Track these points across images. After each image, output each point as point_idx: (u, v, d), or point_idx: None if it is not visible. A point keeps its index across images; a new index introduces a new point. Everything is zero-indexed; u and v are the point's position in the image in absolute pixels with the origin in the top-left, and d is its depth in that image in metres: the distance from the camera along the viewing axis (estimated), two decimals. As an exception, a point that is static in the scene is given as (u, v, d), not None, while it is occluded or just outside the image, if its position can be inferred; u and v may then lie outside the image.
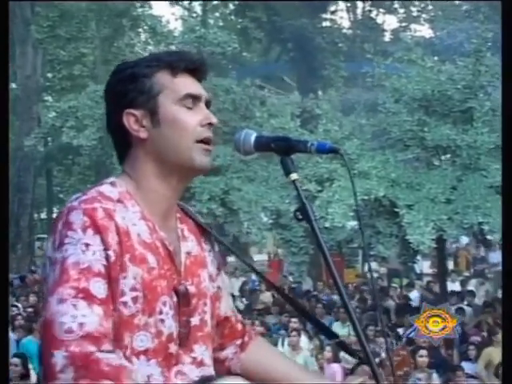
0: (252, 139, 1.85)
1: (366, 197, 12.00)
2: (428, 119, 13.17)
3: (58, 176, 28.89)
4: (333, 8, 30.72)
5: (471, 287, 16.10)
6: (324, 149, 1.79)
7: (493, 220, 11.68)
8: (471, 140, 12.55)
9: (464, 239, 22.44)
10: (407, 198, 12.26)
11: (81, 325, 1.58)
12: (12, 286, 12.78)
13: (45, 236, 28.42)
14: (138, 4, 25.63)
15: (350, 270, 19.97)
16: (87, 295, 1.62)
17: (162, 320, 1.76)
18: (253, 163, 14.35)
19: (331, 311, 12.86)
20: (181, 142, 1.81)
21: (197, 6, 30.24)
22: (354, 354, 2.02)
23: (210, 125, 1.85)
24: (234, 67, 19.74)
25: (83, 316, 1.59)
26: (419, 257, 16.99)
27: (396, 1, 32.62)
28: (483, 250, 20.60)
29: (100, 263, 1.66)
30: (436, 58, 15.03)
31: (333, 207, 11.88)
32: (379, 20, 33.20)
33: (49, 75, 27.35)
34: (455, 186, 12.52)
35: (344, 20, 34.91)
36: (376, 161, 12.97)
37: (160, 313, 1.75)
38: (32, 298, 13.54)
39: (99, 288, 1.64)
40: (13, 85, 28.16)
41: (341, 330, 11.48)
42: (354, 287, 16.58)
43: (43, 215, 30.68)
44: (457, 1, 26.92)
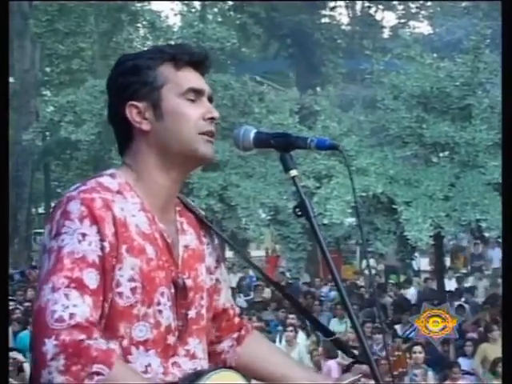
0: (251, 135, 1.86)
1: (365, 193, 12.01)
2: (426, 116, 13.16)
3: (56, 170, 28.87)
4: (332, 4, 30.67)
5: (469, 284, 16.12)
6: (324, 145, 1.79)
7: (491, 217, 11.69)
8: (469, 137, 12.55)
9: (462, 236, 22.45)
10: (405, 195, 12.27)
11: (71, 315, 1.59)
12: (12, 281, 12.79)
13: (42, 230, 28.40)
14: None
15: (348, 267, 20.00)
16: (80, 285, 1.63)
17: (160, 311, 1.77)
18: (251, 159, 14.35)
19: (329, 308, 12.87)
20: (183, 134, 1.82)
21: (195, 2, 30.20)
22: (349, 352, 2.02)
23: (212, 119, 1.86)
24: (233, 63, 19.70)
25: (74, 306, 1.61)
26: (417, 254, 17.01)
27: (395, -3, 32.59)
28: (481, 247, 20.61)
29: (95, 254, 1.67)
30: (435, 55, 15.01)
31: (331, 204, 11.88)
32: (378, 16, 33.17)
33: (47, 69, 27.31)
34: (453, 183, 12.53)
35: (343, 16, 34.89)
36: (374, 157, 12.98)
37: (158, 304, 1.76)
38: (30, 293, 13.55)
39: (91, 278, 1.66)
40: (11, 79, 28.09)
41: (338, 327, 11.51)
42: (351, 283, 16.59)
43: (41, 210, 30.68)
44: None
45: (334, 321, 11.79)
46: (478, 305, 13.33)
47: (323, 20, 29.60)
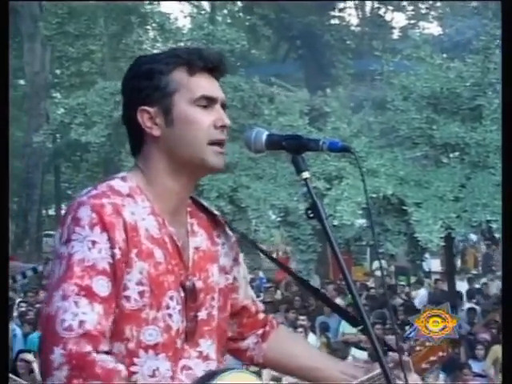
0: (263, 138, 1.86)
1: (375, 195, 11.98)
2: (437, 117, 13.12)
3: (67, 172, 28.95)
4: (341, 5, 30.65)
5: (480, 285, 16.05)
6: (336, 147, 1.79)
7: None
8: (480, 138, 12.51)
9: (472, 237, 22.40)
10: (416, 196, 12.23)
11: (81, 323, 1.61)
12: (25, 278, 12.82)
13: (53, 232, 28.51)
14: (147, 1, 25.61)
15: (358, 268, 19.96)
16: (89, 293, 1.64)
17: (170, 315, 1.77)
18: (261, 161, 14.34)
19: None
20: (193, 143, 1.81)
21: (205, 4, 30.25)
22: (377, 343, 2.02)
23: (224, 127, 1.85)
24: (243, 64, 19.71)
25: (83, 314, 1.62)
26: (428, 255, 16.95)
27: (404, -2, 32.53)
28: (492, 248, 20.55)
29: (105, 261, 1.68)
30: (445, 56, 14.96)
31: (341, 205, 11.86)
32: (388, 17, 33.13)
33: (57, 72, 27.40)
34: (464, 184, 12.48)
35: (352, 17, 34.80)
36: (384, 158, 12.95)
37: (167, 307, 1.77)
38: (42, 295, 13.60)
39: (102, 286, 1.66)
40: (21, 81, 28.25)
41: (349, 328, 11.49)
42: (361, 285, 16.57)
43: (51, 211, 30.78)
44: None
45: (345, 322, 11.76)
46: (489, 306, 13.28)
47: (333, 21, 29.59)
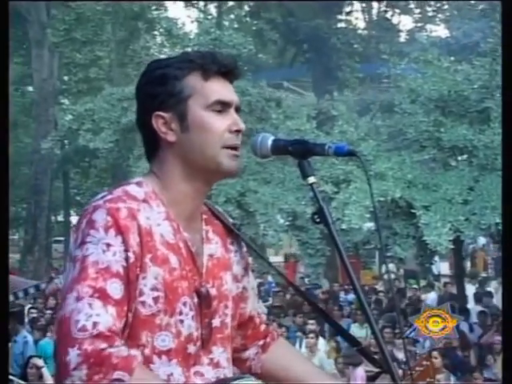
0: (269, 143, 1.85)
1: (383, 198, 11.96)
2: (444, 120, 13.10)
3: (75, 178, 29.05)
4: (348, 9, 30.65)
5: (491, 288, 16.00)
6: (342, 151, 1.79)
7: (511, 220, 11.58)
8: (488, 140, 12.47)
9: (481, 240, 22.33)
10: (424, 199, 12.21)
11: (94, 324, 1.60)
12: (27, 295, 12.77)
13: (62, 238, 28.57)
14: (154, 7, 25.70)
15: (367, 272, 19.94)
16: (103, 295, 1.64)
17: (182, 321, 1.77)
18: (269, 165, 14.34)
19: (349, 313, 12.83)
20: (208, 147, 1.81)
21: (212, 8, 30.32)
22: (375, 362, 2.01)
23: (238, 131, 1.84)
24: (250, 69, 19.73)
25: (97, 315, 1.62)
26: (437, 258, 16.90)
27: (411, 1, 32.50)
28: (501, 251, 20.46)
29: (119, 264, 1.68)
30: (452, 58, 14.94)
31: (349, 209, 11.85)
32: (394, 20, 33.12)
33: (65, 78, 27.51)
34: (472, 187, 12.45)
35: (359, 21, 34.84)
36: (392, 162, 12.93)
37: (180, 313, 1.77)
38: (51, 301, 13.64)
39: (115, 289, 1.66)
40: (29, 88, 28.36)
41: (358, 332, 11.47)
42: (370, 288, 16.54)
43: (60, 218, 30.85)
44: (472, 0, 26.76)
45: (355, 326, 11.75)
46: (499, 309, 13.22)
47: (339, 25, 29.58)
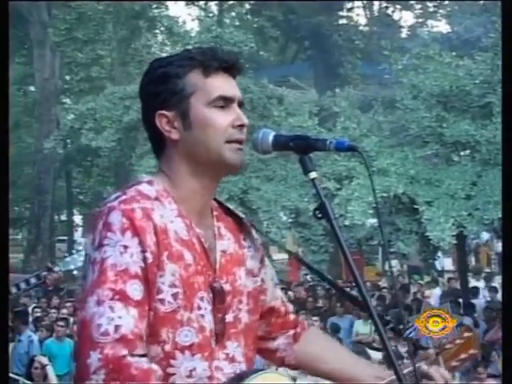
0: (270, 138, 1.85)
1: (386, 194, 11.96)
2: (446, 115, 13.08)
3: (78, 178, 29.07)
4: (349, 5, 30.62)
5: (495, 284, 15.97)
6: (343, 147, 1.79)
7: (514, 215, 11.57)
8: (490, 135, 12.46)
9: (485, 235, 22.31)
10: (427, 195, 12.20)
11: (116, 327, 1.62)
12: (29, 285, 12.84)
13: (65, 238, 28.61)
14: (155, 5, 25.68)
15: (370, 268, 19.91)
16: (123, 297, 1.66)
17: (203, 315, 1.78)
18: (271, 162, 14.34)
19: (353, 310, 12.81)
20: (211, 143, 1.82)
21: (213, 6, 30.28)
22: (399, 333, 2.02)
23: (242, 126, 1.85)
24: (251, 66, 19.72)
25: (119, 318, 1.63)
26: (440, 254, 16.89)
27: (412, -4, 32.46)
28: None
29: (137, 265, 1.69)
30: (454, 54, 14.91)
31: (352, 205, 11.84)
32: (396, 16, 33.06)
33: (67, 77, 27.52)
34: (475, 182, 12.43)
35: (360, 17, 34.85)
36: (395, 158, 12.92)
37: (199, 308, 1.78)
38: (55, 301, 13.64)
39: (135, 290, 1.68)
40: (31, 88, 28.38)
41: (362, 329, 11.47)
42: (373, 285, 16.52)
43: (63, 217, 30.87)
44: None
45: (359, 322, 11.74)
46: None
47: (341, 21, 29.56)
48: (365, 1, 31.64)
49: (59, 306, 13.03)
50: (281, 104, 15.93)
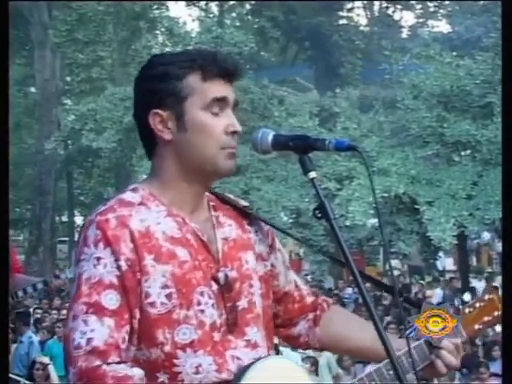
0: (270, 138, 1.84)
1: (386, 194, 11.95)
2: (447, 115, 13.09)
3: (79, 179, 29.07)
4: (349, 6, 30.64)
5: (496, 283, 15.97)
6: (342, 146, 1.78)
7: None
8: (491, 135, 12.46)
9: (486, 235, 22.31)
10: (427, 195, 12.20)
11: (88, 340, 1.64)
12: (35, 290, 12.91)
13: (66, 239, 28.61)
14: (155, 6, 25.69)
15: (371, 268, 19.90)
16: (98, 309, 1.66)
17: (202, 310, 1.77)
18: (272, 163, 14.34)
19: (353, 310, 12.81)
20: (205, 149, 1.81)
21: (213, 7, 30.29)
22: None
23: (235, 133, 1.84)
24: (252, 67, 19.72)
25: (91, 331, 1.65)
26: (442, 254, 16.88)
27: (413, -3, 32.47)
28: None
29: (112, 274, 1.69)
30: (454, 54, 14.93)
31: (353, 205, 11.84)
32: (396, 16, 33.10)
33: (67, 79, 27.52)
34: (476, 182, 12.43)
35: (361, 17, 34.85)
36: (395, 158, 12.92)
37: (198, 304, 1.77)
38: (57, 302, 13.65)
39: (111, 300, 1.68)
40: (32, 89, 28.39)
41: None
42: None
43: (64, 218, 30.89)
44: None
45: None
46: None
47: (341, 22, 29.59)
48: (365, 1, 31.65)
49: (60, 307, 13.03)
50: (281, 104, 15.94)
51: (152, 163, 1.88)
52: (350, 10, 31.01)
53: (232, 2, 30.88)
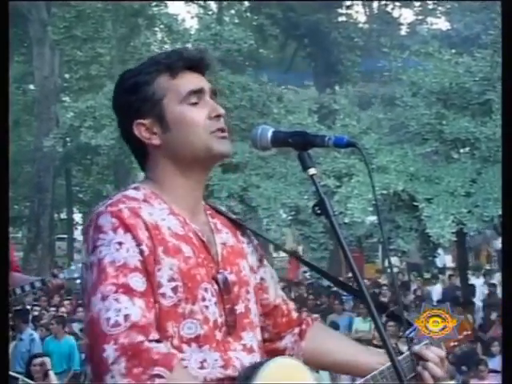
0: (269, 134, 1.85)
1: (385, 191, 11.95)
2: (446, 112, 13.09)
3: (77, 176, 29.06)
4: (348, 3, 30.57)
5: (495, 281, 16.00)
6: (342, 143, 1.79)
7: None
8: (490, 132, 12.46)
9: (485, 232, 22.31)
10: (426, 192, 12.20)
11: (126, 316, 1.63)
12: (33, 288, 12.97)
13: (65, 236, 28.60)
14: (154, 3, 25.64)
15: (370, 265, 19.93)
16: (127, 290, 1.66)
17: (207, 306, 1.78)
18: (271, 160, 14.33)
19: (352, 307, 12.82)
20: (194, 139, 1.83)
21: (212, 4, 30.23)
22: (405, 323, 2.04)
23: (219, 116, 1.86)
24: (251, 64, 19.71)
25: (126, 308, 1.64)
26: (441, 251, 16.89)
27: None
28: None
29: (136, 259, 1.70)
30: (453, 51, 14.91)
31: (352, 202, 11.84)
32: (395, 14, 33.03)
33: (66, 76, 27.49)
34: (475, 179, 12.43)
35: (360, 14, 34.71)
36: (394, 155, 12.92)
37: (203, 299, 1.78)
38: (56, 299, 13.65)
39: (138, 282, 1.68)
40: (31, 86, 28.36)
41: (362, 326, 11.47)
42: (373, 282, 16.53)
43: (63, 215, 30.86)
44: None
45: (358, 319, 11.75)
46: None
47: (340, 19, 29.54)
48: (364, -1, 31.62)
49: (59, 305, 13.04)
50: (280, 101, 15.92)
51: (147, 169, 1.89)
52: (349, 8, 30.95)
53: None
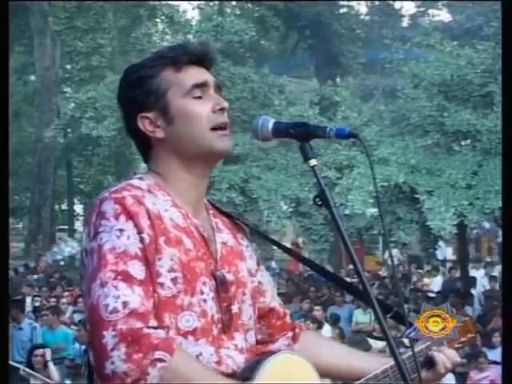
0: (270, 125, 1.84)
1: (386, 183, 11.95)
2: (447, 104, 13.06)
3: (78, 167, 29.06)
4: (350, -6, 30.51)
5: (495, 273, 15.99)
6: (343, 134, 1.78)
7: (514, 205, 11.55)
8: (492, 124, 12.43)
9: (486, 224, 22.31)
10: (427, 184, 12.19)
11: (124, 303, 1.63)
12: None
13: (66, 227, 28.62)
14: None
15: (371, 257, 19.94)
16: (126, 277, 1.66)
17: (205, 300, 1.78)
18: (272, 151, 14.32)
19: (353, 299, 12.83)
20: (196, 133, 1.83)
21: (214, -5, 30.14)
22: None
23: (223, 109, 1.86)
24: (252, 55, 19.67)
25: (125, 295, 1.64)
26: (443, 243, 16.89)
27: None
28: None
29: (136, 246, 1.70)
30: (455, 43, 14.89)
31: (352, 194, 11.84)
32: (397, 5, 32.95)
33: (67, 67, 27.45)
34: (476, 171, 12.42)
35: (361, 6, 34.59)
36: (395, 147, 12.90)
37: (201, 293, 1.78)
38: (58, 290, 13.70)
39: (137, 270, 1.68)
40: (32, 77, 28.36)
41: (362, 318, 11.48)
42: (374, 274, 16.54)
43: (64, 206, 30.91)
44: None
45: (358, 312, 11.76)
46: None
47: (342, 10, 29.48)
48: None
49: (60, 295, 13.07)
50: (282, 93, 15.90)
51: (151, 163, 1.90)
52: (351, -1, 30.88)
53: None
